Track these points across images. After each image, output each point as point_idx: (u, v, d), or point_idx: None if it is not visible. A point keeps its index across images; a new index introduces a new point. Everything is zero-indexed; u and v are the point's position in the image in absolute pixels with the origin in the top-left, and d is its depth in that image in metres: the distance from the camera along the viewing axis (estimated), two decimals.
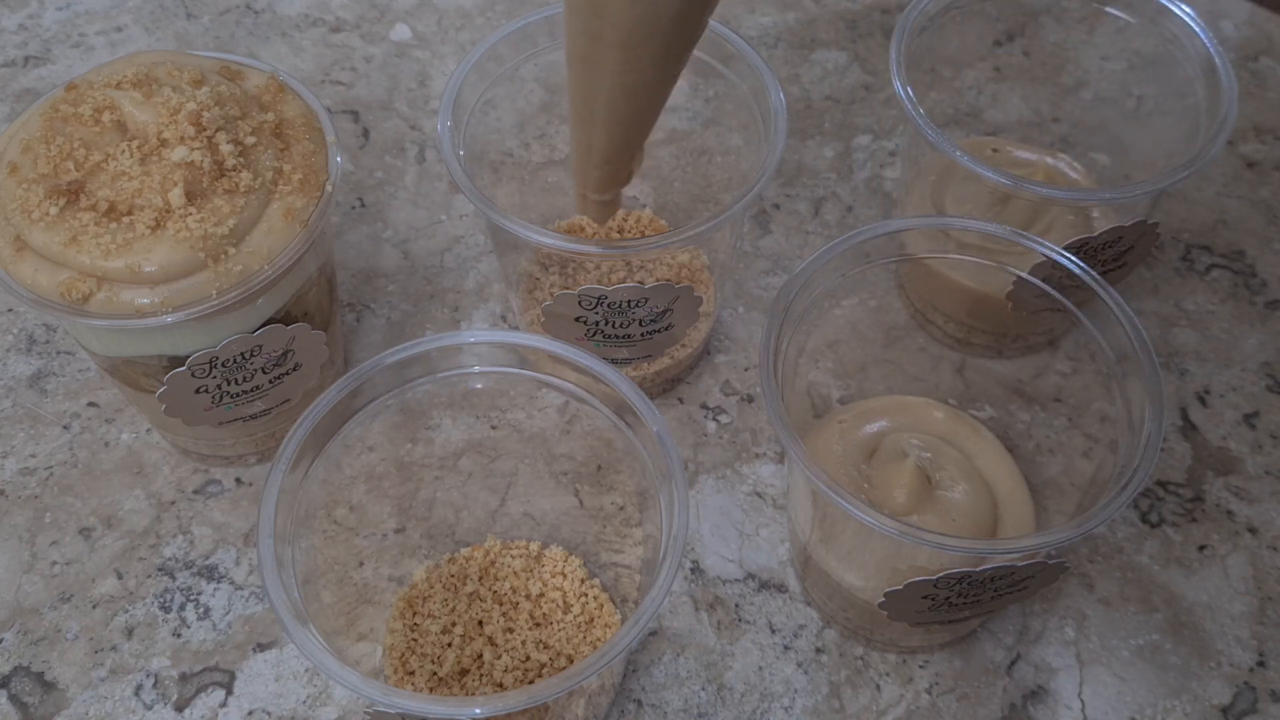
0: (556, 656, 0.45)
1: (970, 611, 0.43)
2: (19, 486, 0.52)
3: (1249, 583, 0.50)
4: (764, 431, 0.55)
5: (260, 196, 0.43)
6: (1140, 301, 0.60)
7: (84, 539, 0.51)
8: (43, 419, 0.55)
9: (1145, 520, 0.52)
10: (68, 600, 0.49)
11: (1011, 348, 0.54)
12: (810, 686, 0.47)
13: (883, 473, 0.47)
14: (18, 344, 0.58)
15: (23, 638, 0.48)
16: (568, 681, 0.34)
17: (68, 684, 0.47)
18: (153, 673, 0.47)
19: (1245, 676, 0.48)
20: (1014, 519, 0.47)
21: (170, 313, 0.41)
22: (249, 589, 0.49)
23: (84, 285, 0.41)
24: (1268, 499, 0.52)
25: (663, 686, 0.47)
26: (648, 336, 0.49)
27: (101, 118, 0.43)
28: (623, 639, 0.35)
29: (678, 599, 0.49)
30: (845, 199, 0.64)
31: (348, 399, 0.41)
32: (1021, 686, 0.47)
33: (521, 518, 0.50)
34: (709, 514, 0.52)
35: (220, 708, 0.46)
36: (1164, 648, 0.48)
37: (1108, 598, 0.49)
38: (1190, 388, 0.57)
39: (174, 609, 0.49)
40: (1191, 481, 0.53)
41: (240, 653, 0.48)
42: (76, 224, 0.41)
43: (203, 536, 0.51)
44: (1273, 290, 0.60)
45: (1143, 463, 0.39)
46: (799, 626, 0.49)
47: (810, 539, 0.46)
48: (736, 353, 0.58)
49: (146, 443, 0.54)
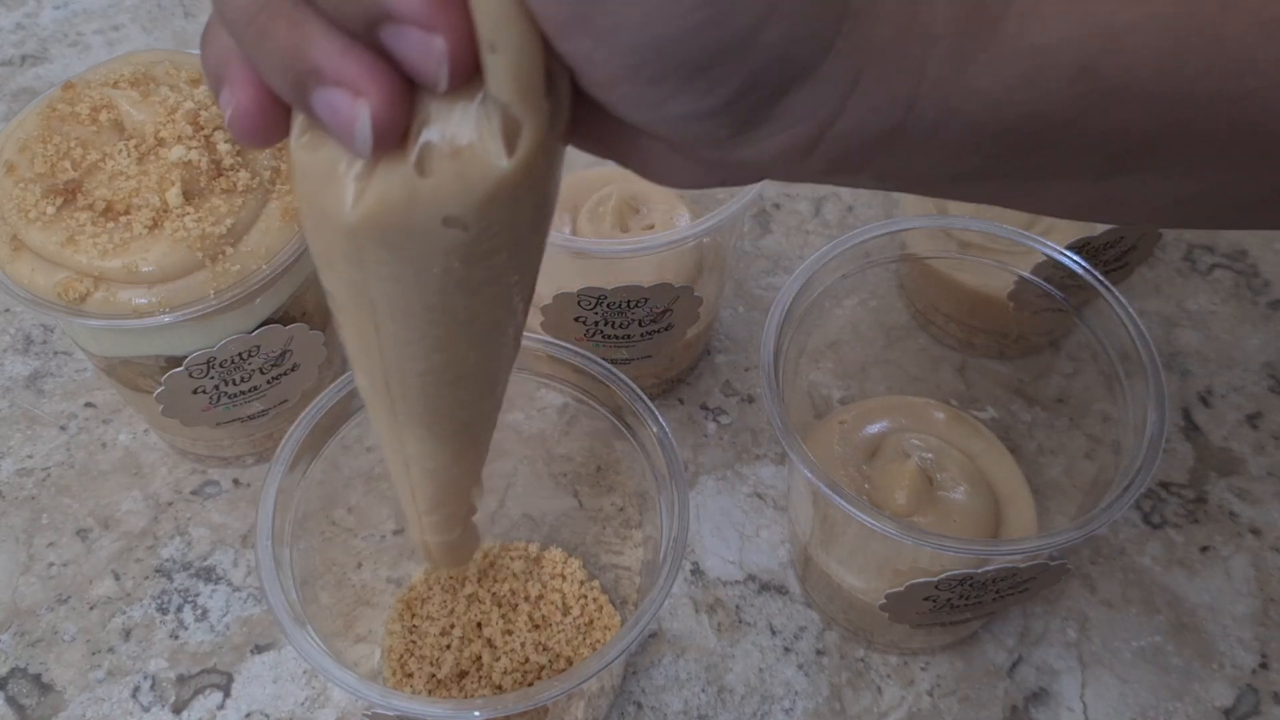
0: (556, 659, 0.45)
1: (972, 613, 0.43)
2: (16, 487, 0.52)
3: (1251, 584, 0.50)
4: (764, 432, 0.55)
5: (258, 196, 0.43)
6: (1142, 301, 0.60)
7: (81, 540, 0.51)
8: (40, 419, 0.55)
9: (1147, 521, 0.52)
10: (65, 602, 0.49)
11: (1013, 348, 0.53)
12: (811, 688, 0.47)
13: (884, 473, 0.47)
14: (15, 344, 0.58)
15: (20, 639, 0.48)
16: (567, 684, 0.34)
17: (65, 686, 0.46)
18: (150, 674, 0.47)
19: (1248, 678, 0.47)
20: (1015, 520, 0.47)
21: (168, 313, 0.41)
22: (247, 590, 0.49)
23: (81, 285, 0.41)
24: (1270, 500, 0.52)
25: (663, 689, 0.47)
26: (648, 336, 0.49)
27: (99, 117, 0.43)
28: (622, 641, 0.35)
29: (678, 601, 0.49)
30: (846, 198, 0.64)
31: (346, 399, 0.41)
32: (1023, 688, 0.47)
33: (521, 519, 0.50)
34: (709, 515, 0.52)
35: (218, 710, 0.46)
36: (1166, 649, 0.48)
37: (1110, 599, 0.49)
38: (1192, 388, 0.56)
39: (171, 610, 0.49)
40: (1194, 482, 0.53)
41: (238, 654, 0.47)
42: (74, 224, 0.41)
43: (200, 538, 0.51)
44: (1275, 290, 0.60)
45: (1145, 464, 0.39)
46: (800, 628, 0.48)
47: (811, 540, 0.46)
48: (736, 353, 0.58)
49: (144, 443, 0.54)
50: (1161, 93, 0.21)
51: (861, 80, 0.20)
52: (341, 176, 0.21)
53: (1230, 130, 0.21)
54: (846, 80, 0.20)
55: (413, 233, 0.22)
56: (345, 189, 0.21)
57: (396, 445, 0.29)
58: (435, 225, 0.21)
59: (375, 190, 0.21)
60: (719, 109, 0.20)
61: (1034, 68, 0.20)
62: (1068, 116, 0.21)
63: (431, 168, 0.21)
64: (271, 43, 0.20)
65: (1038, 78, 0.20)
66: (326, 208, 0.22)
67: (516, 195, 0.21)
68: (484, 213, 0.21)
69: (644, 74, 0.19)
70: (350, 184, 0.21)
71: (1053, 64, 0.20)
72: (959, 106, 0.21)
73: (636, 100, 0.20)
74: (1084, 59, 0.20)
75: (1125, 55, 0.20)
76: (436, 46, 0.19)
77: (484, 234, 0.22)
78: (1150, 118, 0.21)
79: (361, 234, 0.22)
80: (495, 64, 0.19)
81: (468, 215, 0.21)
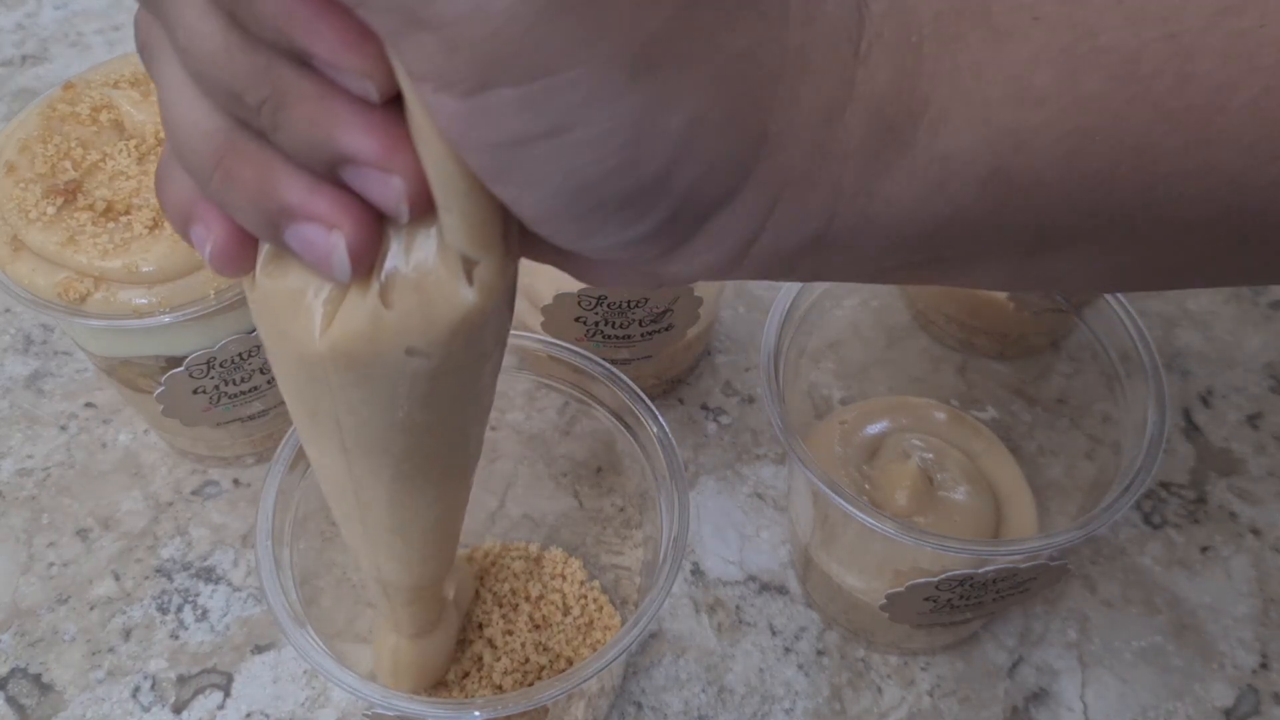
0: (556, 659, 0.45)
1: (972, 613, 0.43)
2: (16, 487, 0.52)
3: (1252, 584, 0.50)
4: (765, 432, 0.55)
5: None
6: (1143, 302, 0.60)
7: (81, 540, 0.51)
8: (40, 420, 0.55)
9: (1148, 522, 0.52)
10: (65, 602, 0.49)
11: (1014, 348, 0.53)
12: (811, 689, 0.47)
13: (884, 474, 0.47)
14: (15, 344, 0.57)
15: (20, 639, 0.48)
16: (567, 684, 0.34)
17: (65, 686, 0.46)
18: (150, 675, 0.47)
19: (1248, 679, 0.47)
20: (1016, 520, 0.47)
21: (168, 313, 0.41)
22: (247, 590, 0.49)
23: (81, 285, 0.41)
24: (1271, 500, 0.52)
25: (663, 689, 0.47)
26: (648, 336, 0.49)
27: (99, 117, 0.43)
28: (622, 641, 0.35)
29: (678, 601, 0.49)
30: None
31: None
32: (1023, 689, 0.47)
33: (521, 519, 0.49)
34: (709, 515, 0.52)
35: (218, 710, 0.46)
36: (1167, 650, 0.48)
37: (1110, 599, 0.49)
38: (1193, 389, 0.56)
39: (172, 610, 0.49)
40: (1194, 483, 0.53)
41: (238, 655, 0.47)
42: (74, 224, 0.41)
43: (200, 538, 0.51)
44: (1276, 291, 0.60)
45: (1145, 464, 0.39)
46: (800, 628, 0.48)
47: (811, 540, 0.46)
48: (737, 353, 0.58)
49: (144, 444, 0.54)
50: (1072, 186, 0.21)
51: (780, 201, 0.21)
52: (309, 303, 0.22)
53: (1144, 211, 0.22)
54: (765, 203, 0.21)
55: (377, 362, 0.22)
56: (313, 316, 0.22)
57: (368, 550, 0.30)
58: (399, 355, 0.22)
59: (341, 321, 0.22)
60: (645, 237, 0.21)
61: (946, 174, 0.21)
62: (983, 214, 0.22)
63: (394, 300, 0.22)
64: (239, 185, 0.21)
65: (950, 183, 0.21)
66: (293, 335, 0.23)
67: (478, 324, 0.22)
68: (447, 344, 0.22)
69: (569, 213, 0.20)
70: (318, 310, 0.22)
71: (964, 169, 0.21)
72: (876, 215, 0.21)
73: (566, 233, 0.21)
74: (995, 161, 0.21)
75: (1033, 155, 0.21)
76: (395, 186, 0.20)
77: (447, 360, 0.23)
78: (1064, 208, 0.22)
79: (328, 361, 0.23)
80: (449, 220, 0.21)
81: (431, 347, 0.22)
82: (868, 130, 0.20)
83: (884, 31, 0.20)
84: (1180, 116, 0.21)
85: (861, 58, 0.20)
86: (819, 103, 0.20)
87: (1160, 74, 0.20)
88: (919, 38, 0.21)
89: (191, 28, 0.19)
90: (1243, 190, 0.21)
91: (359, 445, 0.25)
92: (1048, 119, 0.21)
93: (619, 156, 0.19)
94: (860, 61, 0.20)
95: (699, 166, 0.20)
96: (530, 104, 0.18)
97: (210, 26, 0.19)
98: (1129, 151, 0.21)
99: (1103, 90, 0.20)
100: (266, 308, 0.23)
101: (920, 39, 0.21)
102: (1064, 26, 0.20)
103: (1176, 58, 0.20)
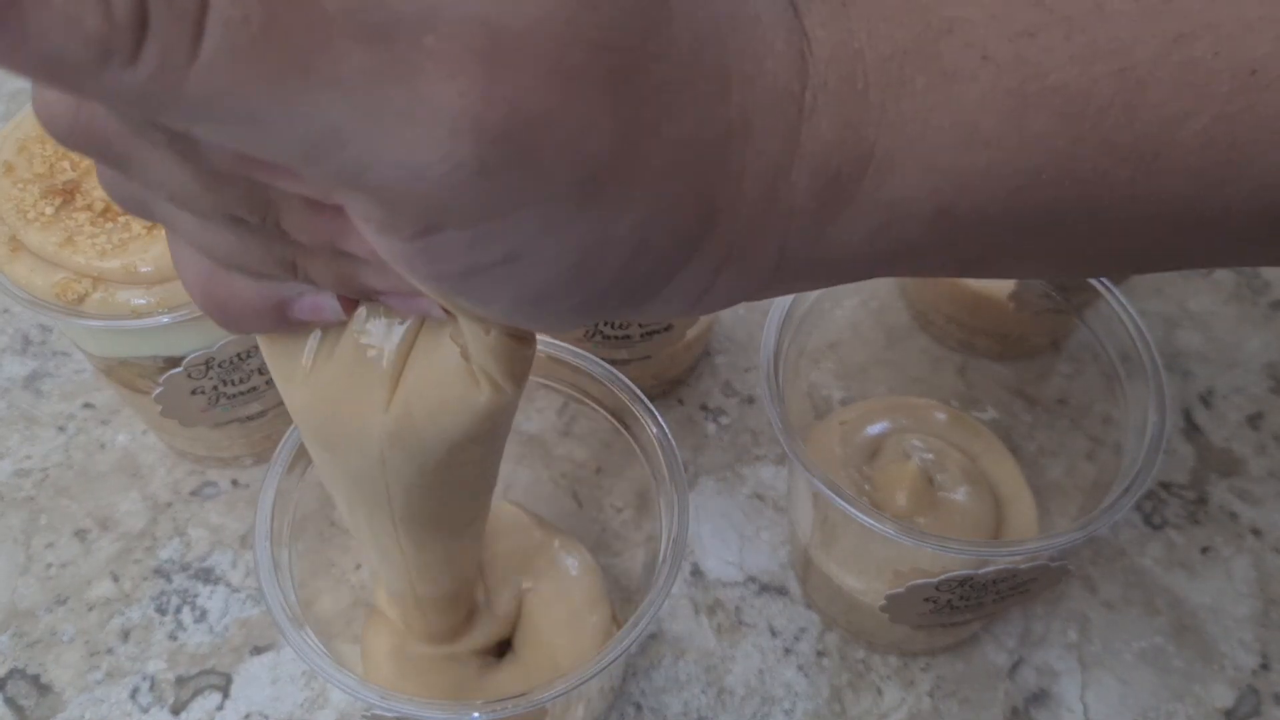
0: None
1: (972, 614, 0.43)
2: (14, 488, 0.52)
3: (1252, 585, 0.50)
4: (764, 433, 0.54)
5: None
6: (1143, 302, 0.60)
7: (79, 541, 0.50)
8: (38, 420, 0.54)
9: (1148, 522, 0.52)
10: (63, 603, 0.49)
11: (1014, 349, 0.53)
12: (811, 690, 0.47)
13: (884, 474, 0.47)
14: (13, 345, 0.57)
15: (18, 640, 0.47)
16: (567, 684, 0.34)
17: (63, 687, 0.46)
18: (149, 676, 0.47)
19: (1249, 679, 0.47)
20: (1016, 521, 0.47)
21: (166, 313, 0.41)
22: (245, 591, 0.49)
23: (80, 286, 0.41)
24: (1271, 501, 0.52)
25: (662, 690, 0.47)
26: (647, 337, 0.49)
27: None
28: (622, 642, 0.35)
29: (677, 602, 0.49)
30: None
31: None
32: (1024, 690, 0.47)
33: None
34: (709, 516, 0.52)
35: (217, 711, 0.46)
36: (1167, 651, 0.48)
37: (1110, 600, 0.49)
38: (1193, 389, 0.56)
39: (170, 612, 0.48)
40: (1195, 483, 0.53)
41: (237, 656, 0.47)
42: (72, 224, 0.41)
43: (199, 539, 0.51)
44: (1277, 291, 0.60)
45: (1146, 465, 0.39)
46: (800, 629, 0.48)
47: (811, 541, 0.46)
48: (736, 353, 0.57)
49: (142, 444, 0.54)
50: (1019, 218, 0.22)
51: (729, 260, 0.21)
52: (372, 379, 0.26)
53: (1091, 237, 0.22)
54: (714, 265, 0.21)
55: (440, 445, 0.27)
56: (380, 391, 0.26)
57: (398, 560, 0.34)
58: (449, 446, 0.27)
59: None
60: (599, 317, 0.22)
61: (892, 218, 0.21)
62: (931, 245, 0.22)
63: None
64: (317, 268, 0.23)
65: (896, 225, 0.21)
66: (361, 411, 0.27)
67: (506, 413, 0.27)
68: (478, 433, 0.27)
69: (526, 318, 0.22)
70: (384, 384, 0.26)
71: (910, 212, 0.21)
72: (824, 256, 0.22)
73: (526, 325, 0.24)
74: (940, 203, 0.21)
75: (979, 195, 0.21)
76: (422, 305, 0.24)
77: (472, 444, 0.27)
78: (1011, 236, 0.22)
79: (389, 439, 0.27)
80: (479, 358, 0.25)
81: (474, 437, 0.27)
82: (814, 184, 0.21)
83: (829, 80, 0.20)
84: (1129, 149, 0.21)
85: (806, 113, 0.20)
86: (764, 165, 0.20)
87: (1109, 109, 0.20)
88: (864, 84, 0.20)
89: (169, 180, 0.20)
90: (1193, 209, 0.22)
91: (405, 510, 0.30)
92: (993, 160, 0.21)
93: (572, 273, 0.19)
94: (805, 118, 0.20)
95: (650, 260, 0.20)
96: (479, 241, 0.18)
97: (185, 174, 0.19)
98: (1076, 184, 0.21)
99: (1050, 129, 0.20)
100: (334, 385, 0.27)
101: (866, 85, 0.20)
102: (1012, 66, 0.20)
103: (1126, 91, 0.20)
